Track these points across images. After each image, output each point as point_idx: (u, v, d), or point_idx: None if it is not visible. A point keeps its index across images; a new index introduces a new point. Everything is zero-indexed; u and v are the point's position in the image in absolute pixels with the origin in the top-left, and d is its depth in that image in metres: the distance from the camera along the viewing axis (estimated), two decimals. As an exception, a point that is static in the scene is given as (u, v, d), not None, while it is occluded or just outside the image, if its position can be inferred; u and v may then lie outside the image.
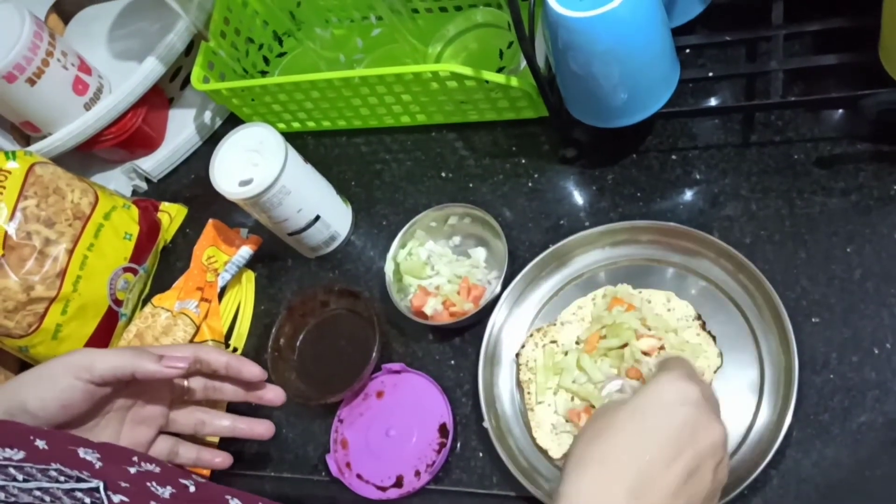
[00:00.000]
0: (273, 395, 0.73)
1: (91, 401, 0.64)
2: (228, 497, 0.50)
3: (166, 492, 0.51)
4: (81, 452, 0.49)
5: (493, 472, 0.70)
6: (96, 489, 0.45)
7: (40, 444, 0.48)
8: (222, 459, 0.74)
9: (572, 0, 0.63)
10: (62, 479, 0.46)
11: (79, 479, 0.47)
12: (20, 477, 0.44)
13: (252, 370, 0.72)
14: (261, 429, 0.74)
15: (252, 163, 0.77)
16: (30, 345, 0.82)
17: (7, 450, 0.46)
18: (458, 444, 0.72)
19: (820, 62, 0.69)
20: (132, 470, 0.50)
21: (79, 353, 0.64)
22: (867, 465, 0.60)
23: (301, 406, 0.79)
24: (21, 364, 0.90)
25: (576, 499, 0.47)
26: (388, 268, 0.79)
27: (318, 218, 0.82)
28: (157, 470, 0.53)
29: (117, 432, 0.67)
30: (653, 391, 0.51)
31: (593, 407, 0.68)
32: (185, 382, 0.72)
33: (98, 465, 0.48)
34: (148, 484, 0.50)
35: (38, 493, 0.43)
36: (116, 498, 0.45)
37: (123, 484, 0.49)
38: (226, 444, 0.79)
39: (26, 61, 0.87)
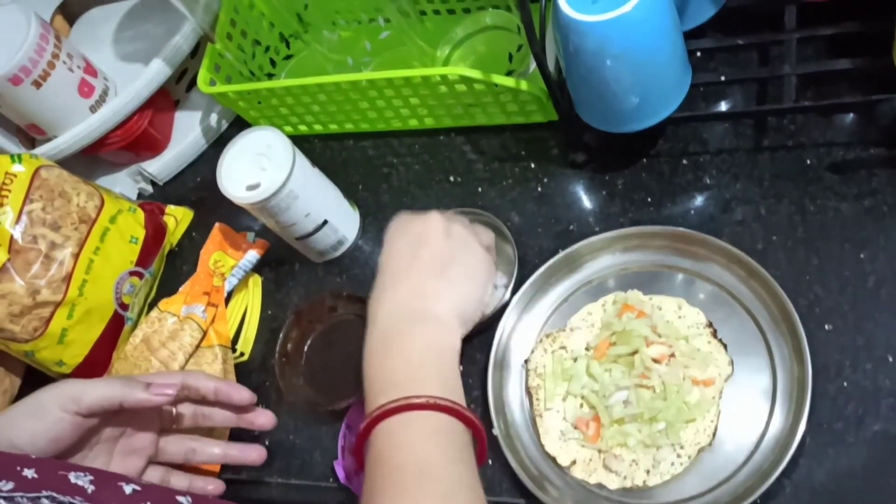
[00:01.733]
0: (264, 419, 0.73)
1: (80, 432, 0.63)
2: None
3: None
4: (72, 477, 0.49)
5: (503, 479, 0.70)
6: None
7: (28, 473, 0.47)
8: (214, 487, 0.74)
9: (584, 3, 0.62)
10: None
11: None
12: None
13: (242, 395, 0.72)
14: (253, 455, 0.74)
15: (259, 167, 0.77)
16: (35, 349, 0.81)
17: None
18: (467, 451, 0.72)
19: (833, 66, 0.69)
20: (128, 489, 0.50)
21: (66, 384, 0.64)
22: (881, 474, 0.60)
23: (308, 412, 0.79)
24: (27, 368, 0.89)
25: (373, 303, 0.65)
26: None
27: (325, 222, 0.81)
28: (152, 490, 0.52)
29: (107, 464, 0.67)
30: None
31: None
32: (174, 410, 0.71)
33: (90, 489, 0.48)
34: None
35: None
36: None
37: None
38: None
39: (32, 63, 0.87)
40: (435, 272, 0.63)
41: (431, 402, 0.54)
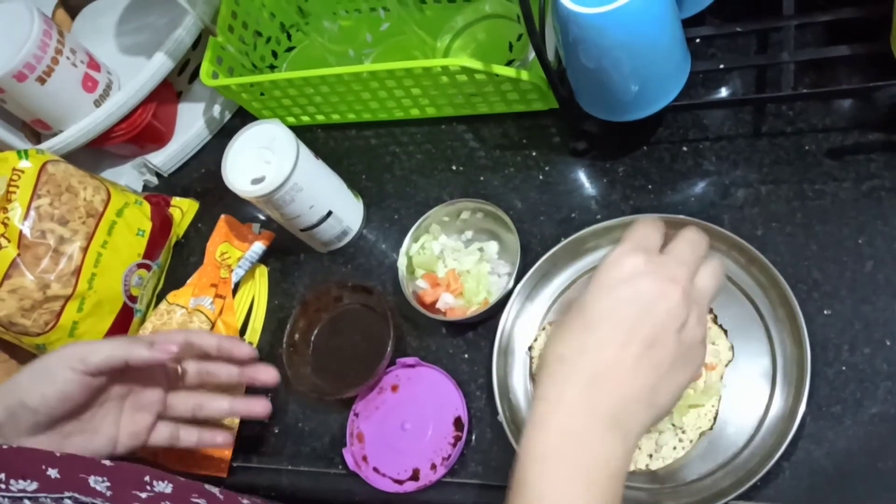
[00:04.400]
0: (266, 374, 0.74)
1: (88, 391, 0.65)
2: None
3: None
4: (92, 482, 0.50)
5: (509, 465, 0.71)
6: None
7: (52, 473, 0.49)
8: (224, 438, 0.75)
9: (583, -5, 0.63)
10: None
11: None
12: None
13: (243, 349, 0.73)
14: (258, 407, 0.74)
15: (264, 160, 0.77)
16: (47, 342, 0.83)
17: (21, 481, 0.47)
18: (474, 437, 0.73)
19: (831, 53, 0.69)
20: (143, 495, 0.51)
21: (72, 345, 0.66)
22: (880, 457, 0.61)
23: (317, 401, 0.80)
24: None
25: (544, 403, 0.49)
26: (401, 262, 0.80)
27: (330, 213, 0.82)
28: (170, 490, 0.53)
29: (117, 420, 0.69)
30: (595, 278, 0.51)
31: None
32: (179, 367, 0.73)
33: (108, 493, 0.49)
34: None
35: None
36: None
37: None
38: (243, 438, 0.81)
39: (36, 60, 0.88)
40: (650, 375, 0.49)
41: None
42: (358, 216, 0.87)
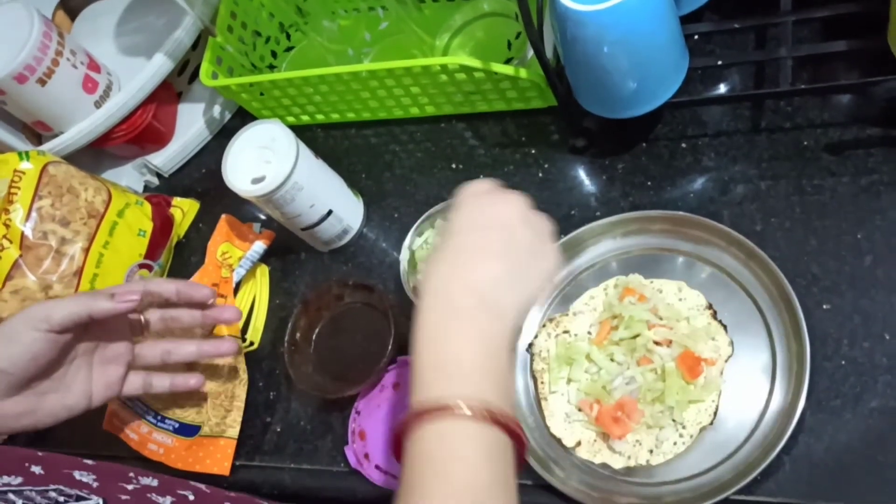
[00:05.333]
0: (229, 314, 0.76)
1: (56, 349, 0.66)
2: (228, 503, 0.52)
3: (167, 501, 0.52)
4: (77, 475, 0.50)
5: (510, 461, 0.71)
6: None
7: (36, 469, 0.49)
8: (196, 381, 0.77)
9: (580, -7, 0.63)
10: (62, 499, 0.47)
11: (79, 498, 0.48)
12: (19, 502, 0.45)
13: (202, 291, 0.74)
14: (225, 346, 0.76)
15: (264, 160, 0.78)
16: (50, 343, 0.83)
17: (5, 476, 0.47)
18: (475, 434, 0.73)
19: (829, 49, 0.69)
20: (129, 487, 0.51)
21: (35, 306, 0.66)
22: (879, 450, 0.61)
23: (319, 399, 0.80)
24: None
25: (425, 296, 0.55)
26: (404, 256, 0.80)
27: (330, 212, 0.82)
28: (155, 483, 0.54)
29: (88, 375, 0.70)
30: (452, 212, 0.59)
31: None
32: (143, 317, 0.74)
33: (95, 485, 0.49)
34: (148, 496, 0.51)
35: None
36: None
37: (124, 497, 0.50)
38: (245, 437, 0.81)
39: (36, 62, 0.88)
40: (508, 259, 0.57)
41: (493, 417, 0.50)
42: (358, 215, 0.87)
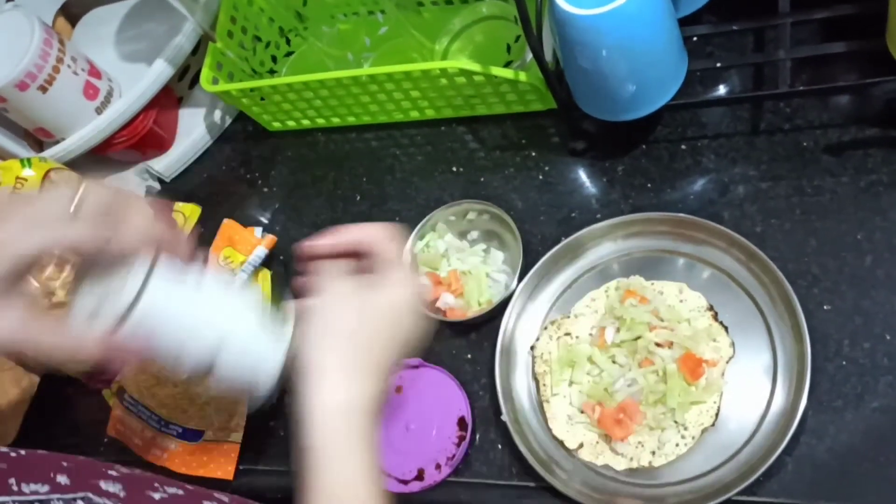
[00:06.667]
0: None
1: None
2: None
3: None
4: (103, 484, 0.50)
5: (513, 464, 0.72)
6: None
7: (62, 480, 0.49)
8: None
9: (579, -3, 0.63)
10: None
11: None
12: None
13: None
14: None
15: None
16: (53, 349, 0.83)
17: (32, 484, 0.47)
18: (477, 437, 0.74)
19: (827, 50, 0.70)
20: (156, 496, 0.51)
21: None
22: (881, 451, 0.61)
23: (321, 402, 0.81)
24: (46, 369, 0.91)
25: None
26: (405, 259, 0.80)
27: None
28: (182, 493, 0.54)
29: None
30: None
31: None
32: None
33: (122, 494, 0.50)
34: None
35: None
36: None
37: None
38: (248, 441, 0.81)
39: (37, 69, 0.88)
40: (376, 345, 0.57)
41: None
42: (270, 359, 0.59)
